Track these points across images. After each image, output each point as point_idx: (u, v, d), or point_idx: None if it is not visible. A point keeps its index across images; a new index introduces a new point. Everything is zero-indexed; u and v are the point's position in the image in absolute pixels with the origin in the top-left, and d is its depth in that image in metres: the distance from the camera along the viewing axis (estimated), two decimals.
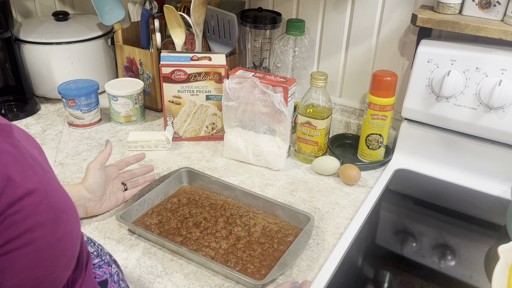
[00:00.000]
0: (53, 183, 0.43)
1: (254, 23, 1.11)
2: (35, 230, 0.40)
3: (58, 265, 0.43)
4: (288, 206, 0.83)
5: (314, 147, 1.01)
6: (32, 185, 0.40)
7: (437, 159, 1.00)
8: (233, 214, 0.84)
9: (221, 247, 0.76)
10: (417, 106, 0.97)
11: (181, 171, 0.92)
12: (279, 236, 0.79)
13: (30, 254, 0.40)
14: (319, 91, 0.98)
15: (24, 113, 1.19)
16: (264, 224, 0.82)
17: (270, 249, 0.77)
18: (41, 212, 0.40)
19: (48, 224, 0.41)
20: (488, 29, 0.85)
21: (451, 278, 0.74)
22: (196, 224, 0.82)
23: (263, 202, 0.85)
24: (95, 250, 0.62)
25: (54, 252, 0.42)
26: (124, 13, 1.22)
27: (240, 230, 0.80)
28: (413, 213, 0.92)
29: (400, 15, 1.01)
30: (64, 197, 0.44)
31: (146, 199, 0.85)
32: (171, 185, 0.90)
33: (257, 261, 0.74)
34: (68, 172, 0.97)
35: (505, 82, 0.86)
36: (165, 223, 0.82)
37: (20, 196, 0.38)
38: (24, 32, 1.21)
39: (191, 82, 1.03)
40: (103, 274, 0.59)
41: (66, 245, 0.44)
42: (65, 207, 0.43)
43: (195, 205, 0.87)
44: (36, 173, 0.41)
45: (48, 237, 0.41)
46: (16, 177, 0.38)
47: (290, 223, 0.83)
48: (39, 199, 0.40)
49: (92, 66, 1.27)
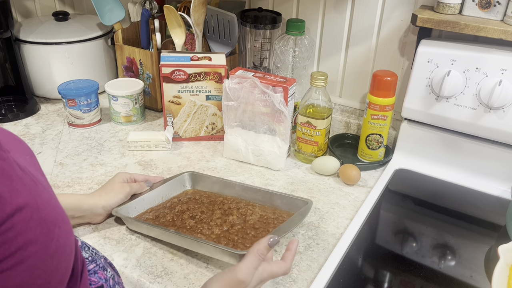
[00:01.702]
0: (45, 195, 0.41)
1: (254, 23, 1.11)
2: (27, 247, 0.38)
3: (51, 281, 0.42)
4: (286, 194, 0.84)
5: (314, 147, 1.01)
6: (22, 200, 0.37)
7: (437, 159, 1.00)
8: (231, 207, 0.84)
9: (213, 233, 0.76)
10: (417, 106, 0.97)
11: (185, 175, 0.91)
12: (276, 223, 0.79)
13: (23, 272, 0.38)
14: (319, 91, 0.98)
15: (24, 113, 1.19)
16: (262, 214, 0.82)
17: (264, 233, 0.76)
18: (32, 228, 0.38)
19: (41, 240, 0.39)
20: (488, 29, 0.85)
21: (451, 278, 0.74)
22: (192, 216, 0.81)
23: (262, 194, 0.85)
24: (89, 255, 0.61)
25: (48, 268, 0.40)
26: (124, 13, 1.22)
27: (236, 219, 0.80)
28: (413, 213, 0.92)
29: (400, 15, 1.01)
30: (56, 209, 0.42)
31: (145, 198, 0.85)
32: (173, 188, 0.90)
33: (248, 242, 0.74)
34: (68, 172, 0.97)
35: (505, 82, 0.86)
36: (161, 217, 0.81)
37: (10, 214, 0.36)
38: (24, 32, 1.21)
39: (191, 82, 1.03)
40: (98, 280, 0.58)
41: (60, 259, 0.42)
42: (57, 220, 0.41)
43: (195, 202, 0.86)
44: (26, 186, 0.39)
45: (40, 254, 0.39)
46: (5, 193, 0.36)
47: (289, 211, 0.82)
48: (30, 214, 0.38)
49: (92, 66, 1.27)
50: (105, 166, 0.99)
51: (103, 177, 0.95)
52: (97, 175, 0.96)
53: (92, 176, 0.96)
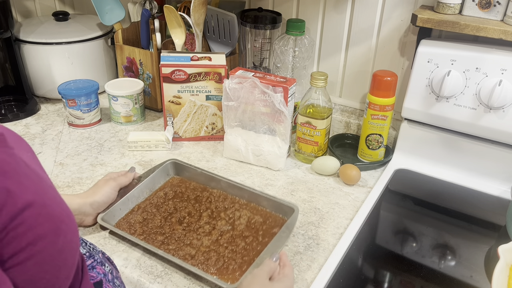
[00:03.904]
0: (50, 192, 0.42)
1: (254, 23, 1.11)
2: (37, 243, 0.39)
3: (59, 276, 0.42)
4: (272, 197, 0.83)
5: (314, 147, 1.01)
6: (30, 196, 0.38)
7: (437, 159, 1.00)
8: (218, 207, 0.84)
9: (203, 244, 0.76)
10: (417, 106, 0.97)
11: (167, 163, 0.92)
12: (264, 228, 0.79)
13: (33, 267, 0.39)
14: (319, 91, 0.98)
15: (24, 113, 1.19)
16: (249, 216, 0.81)
17: (254, 243, 0.76)
18: (41, 224, 0.39)
19: (49, 236, 0.40)
20: (488, 29, 0.85)
21: (451, 278, 0.74)
22: (180, 220, 0.81)
23: (248, 193, 0.85)
24: (87, 250, 0.61)
25: (56, 263, 0.41)
26: (124, 13, 1.22)
27: (224, 224, 0.80)
28: (413, 213, 0.92)
29: (400, 15, 1.01)
30: (62, 205, 0.43)
31: (129, 197, 0.84)
32: (157, 179, 0.90)
33: (239, 256, 0.73)
34: (68, 172, 0.97)
35: (505, 82, 0.86)
36: (149, 220, 0.81)
37: (20, 209, 0.37)
38: (24, 32, 1.21)
39: (191, 82, 1.03)
40: (97, 275, 0.59)
41: (67, 255, 0.43)
42: (64, 217, 0.42)
43: (181, 198, 0.86)
44: (33, 182, 0.40)
45: (49, 250, 0.40)
46: (15, 189, 0.37)
47: (276, 214, 0.82)
48: (38, 210, 0.39)
49: (92, 66, 1.27)
50: (105, 166, 0.99)
51: (103, 177, 0.95)
52: (97, 175, 0.96)
53: (92, 176, 0.96)
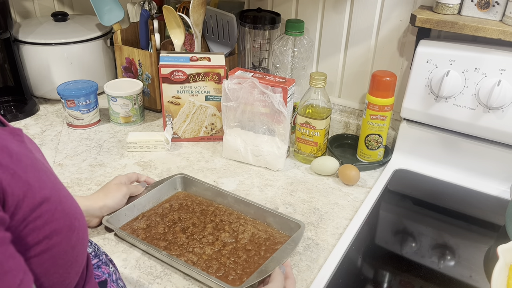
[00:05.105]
0: (64, 190, 0.44)
1: (253, 23, 1.11)
2: (53, 237, 0.40)
3: (71, 272, 0.44)
4: (279, 213, 0.81)
5: (313, 148, 1.01)
6: (47, 192, 0.40)
7: (436, 159, 1.00)
8: (223, 220, 0.82)
9: (205, 253, 0.74)
10: (416, 106, 0.97)
11: (176, 177, 0.90)
12: (267, 244, 0.77)
13: (48, 261, 0.40)
14: (318, 91, 0.98)
15: (23, 114, 1.19)
16: (254, 231, 0.79)
17: (256, 256, 0.74)
18: (57, 219, 0.40)
19: (64, 231, 0.41)
20: (487, 29, 0.85)
21: (450, 278, 0.74)
22: (184, 229, 0.80)
23: (254, 209, 0.83)
24: (92, 250, 0.62)
25: (69, 259, 0.42)
26: (123, 14, 1.22)
27: (228, 237, 0.78)
28: (412, 213, 0.92)
29: (399, 16, 1.01)
30: (74, 203, 0.44)
31: (136, 204, 0.83)
32: (164, 191, 0.88)
33: (240, 268, 0.72)
34: (67, 173, 0.97)
35: (504, 82, 0.86)
36: (153, 227, 0.80)
37: (39, 202, 0.38)
38: (23, 33, 1.21)
39: (190, 83, 1.03)
40: (102, 275, 0.59)
41: (79, 251, 0.44)
42: (77, 214, 0.44)
43: (186, 210, 0.84)
44: (49, 179, 0.41)
45: (64, 245, 0.41)
46: (35, 182, 0.38)
47: (280, 232, 0.80)
48: (55, 206, 0.40)
49: (91, 67, 1.27)
50: (104, 166, 0.99)
51: (102, 177, 0.95)
52: (96, 176, 0.96)
53: (91, 176, 0.96)
